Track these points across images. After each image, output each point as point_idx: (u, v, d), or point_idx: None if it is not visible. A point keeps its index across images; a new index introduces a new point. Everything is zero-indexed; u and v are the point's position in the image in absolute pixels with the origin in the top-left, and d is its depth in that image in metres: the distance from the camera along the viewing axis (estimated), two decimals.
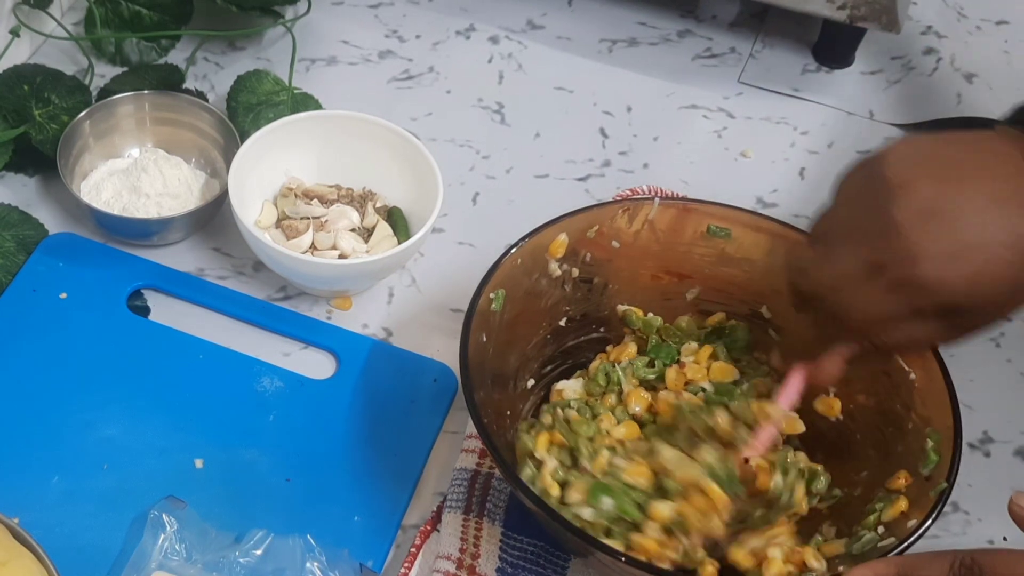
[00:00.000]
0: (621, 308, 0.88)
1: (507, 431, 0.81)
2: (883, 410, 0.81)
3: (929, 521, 0.71)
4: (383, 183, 0.96)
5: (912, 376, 0.79)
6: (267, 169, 0.95)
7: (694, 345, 0.86)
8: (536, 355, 0.86)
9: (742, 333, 0.86)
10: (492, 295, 0.81)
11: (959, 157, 0.68)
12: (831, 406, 0.83)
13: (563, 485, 0.76)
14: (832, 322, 0.71)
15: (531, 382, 0.85)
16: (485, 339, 0.80)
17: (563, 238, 0.85)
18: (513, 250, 0.82)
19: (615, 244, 0.87)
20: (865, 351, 0.72)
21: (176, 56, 1.09)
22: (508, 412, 0.82)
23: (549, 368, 0.86)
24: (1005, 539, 0.84)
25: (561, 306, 0.87)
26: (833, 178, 1.04)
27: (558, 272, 0.86)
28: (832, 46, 1.14)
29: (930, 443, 0.76)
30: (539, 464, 0.77)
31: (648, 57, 1.15)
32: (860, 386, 0.83)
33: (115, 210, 0.94)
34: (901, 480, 0.76)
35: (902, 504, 0.74)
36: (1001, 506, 0.85)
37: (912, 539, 0.71)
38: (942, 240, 0.65)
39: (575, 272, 0.86)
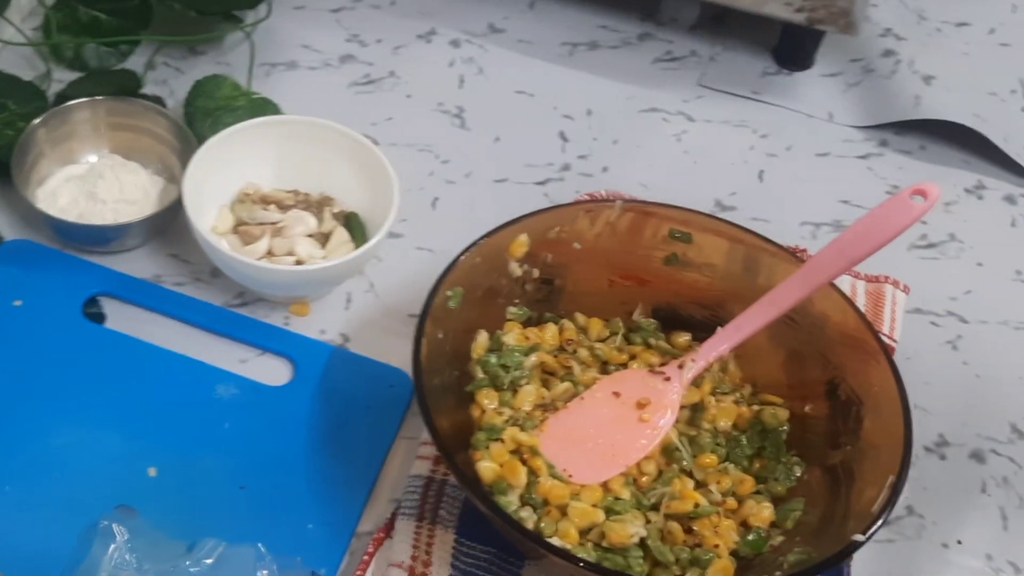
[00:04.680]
0: (582, 319, 0.88)
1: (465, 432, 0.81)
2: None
3: (886, 511, 0.72)
4: (340, 188, 0.96)
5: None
6: (224, 174, 0.94)
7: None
8: None
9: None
10: (449, 292, 0.81)
11: None
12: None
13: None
14: None
15: None
16: (441, 336, 0.80)
17: (523, 238, 0.85)
18: (472, 248, 0.83)
19: (576, 246, 0.87)
20: None
21: (136, 61, 1.09)
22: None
23: None
24: (959, 542, 0.84)
25: (521, 306, 0.87)
26: (792, 181, 1.06)
27: (518, 272, 0.86)
28: (792, 49, 1.15)
29: None
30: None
31: (609, 60, 1.15)
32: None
33: (71, 217, 0.93)
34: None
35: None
36: (956, 509, 0.86)
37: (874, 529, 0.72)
38: None
39: (536, 273, 0.87)
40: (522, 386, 0.82)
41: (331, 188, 0.96)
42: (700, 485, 0.80)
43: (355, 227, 0.94)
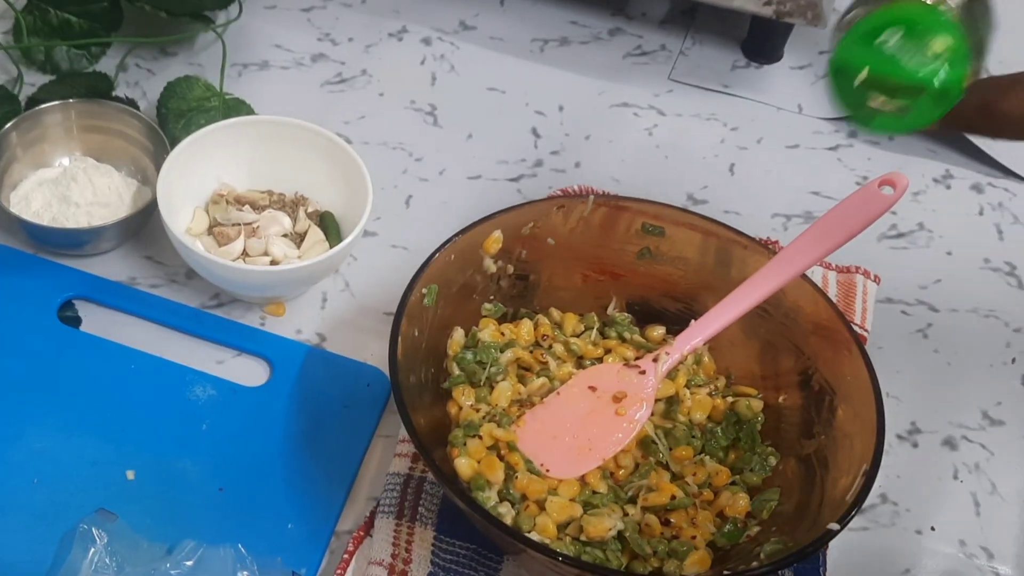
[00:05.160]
0: (557, 314, 0.89)
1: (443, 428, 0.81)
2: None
3: (860, 499, 0.73)
4: (314, 188, 0.96)
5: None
6: (198, 175, 0.94)
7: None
8: None
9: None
10: (424, 290, 0.82)
11: None
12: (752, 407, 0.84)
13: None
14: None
15: None
16: (417, 334, 0.81)
17: (497, 235, 0.85)
18: (446, 246, 0.83)
19: (550, 241, 0.88)
20: None
21: (107, 63, 1.09)
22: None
23: None
24: (933, 528, 0.85)
25: (496, 302, 0.88)
26: (762, 173, 1.07)
27: (493, 268, 0.87)
28: (761, 42, 1.15)
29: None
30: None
31: (579, 56, 1.15)
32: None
33: (45, 220, 0.93)
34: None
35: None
36: (929, 496, 0.87)
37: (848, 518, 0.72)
38: None
39: (510, 269, 0.87)
40: (498, 382, 0.83)
41: (305, 188, 0.96)
42: (676, 477, 0.80)
43: (329, 226, 0.94)
